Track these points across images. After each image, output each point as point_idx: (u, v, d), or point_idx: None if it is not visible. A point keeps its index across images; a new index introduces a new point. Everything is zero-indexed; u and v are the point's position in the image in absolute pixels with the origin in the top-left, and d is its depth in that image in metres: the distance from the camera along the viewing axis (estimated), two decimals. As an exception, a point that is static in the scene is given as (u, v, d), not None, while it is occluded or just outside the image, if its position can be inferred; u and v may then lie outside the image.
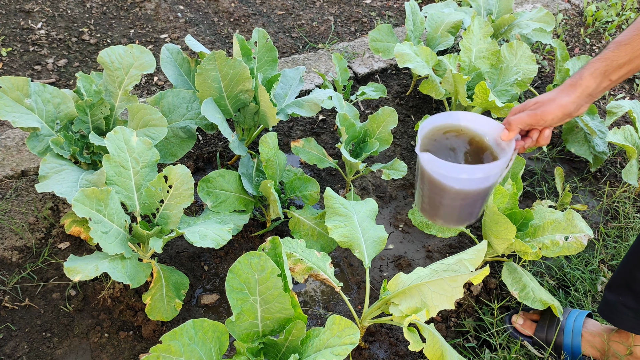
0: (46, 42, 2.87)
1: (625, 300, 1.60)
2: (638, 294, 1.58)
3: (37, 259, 1.88)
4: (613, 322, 1.65)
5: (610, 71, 1.29)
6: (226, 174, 1.92)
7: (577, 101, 1.31)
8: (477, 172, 1.26)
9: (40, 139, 1.77)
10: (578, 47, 3.59)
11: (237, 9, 3.42)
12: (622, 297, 1.61)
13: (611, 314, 1.64)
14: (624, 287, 1.62)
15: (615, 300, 1.63)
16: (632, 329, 1.59)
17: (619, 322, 1.62)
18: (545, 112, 1.31)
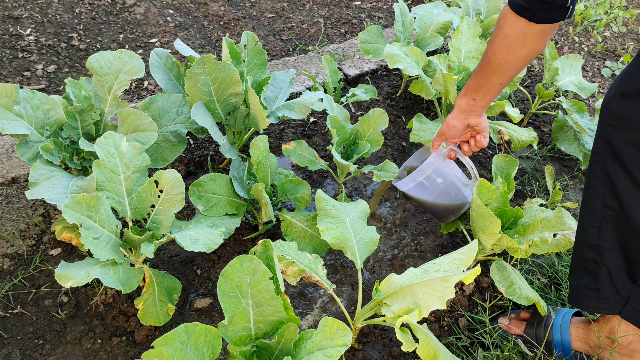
0: (35, 48, 2.86)
1: (585, 282, 1.62)
2: (593, 273, 1.59)
3: (28, 266, 1.87)
4: (580, 307, 1.65)
5: (470, 93, 1.80)
6: (217, 178, 1.92)
7: (455, 116, 1.87)
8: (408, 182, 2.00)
9: (30, 146, 1.77)
10: (567, 45, 3.61)
11: (226, 13, 3.42)
12: (582, 280, 1.63)
13: (577, 299, 1.65)
14: (580, 269, 1.64)
15: (577, 284, 1.65)
16: (598, 310, 1.59)
17: (586, 306, 1.63)
18: (441, 130, 1.92)
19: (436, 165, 1.95)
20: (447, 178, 1.98)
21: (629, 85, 1.41)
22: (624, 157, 1.44)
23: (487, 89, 1.75)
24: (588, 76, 3.38)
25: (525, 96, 3.03)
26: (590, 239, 1.58)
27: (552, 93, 2.63)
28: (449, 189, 1.98)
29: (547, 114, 2.96)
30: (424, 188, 1.98)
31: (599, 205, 1.54)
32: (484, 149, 2.67)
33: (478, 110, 1.83)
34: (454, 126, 1.87)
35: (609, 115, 1.47)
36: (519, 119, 2.22)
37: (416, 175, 1.96)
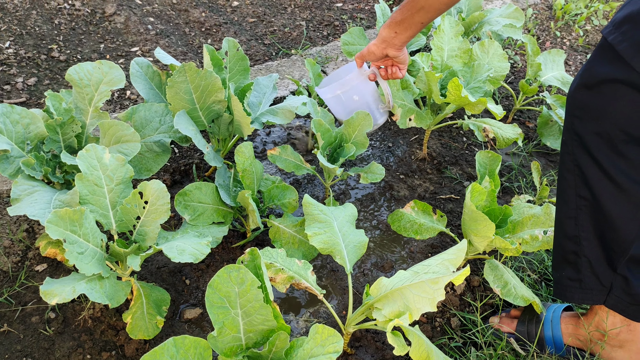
0: (15, 61, 2.83)
1: (567, 273, 1.62)
2: (574, 264, 1.60)
3: (14, 283, 1.85)
4: (565, 299, 1.66)
5: (393, 26, 1.87)
6: (203, 186, 1.90)
7: (377, 44, 1.96)
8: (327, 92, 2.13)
9: (11, 161, 1.74)
10: (549, 40, 3.63)
11: (208, 19, 3.40)
12: (564, 272, 1.63)
13: (561, 291, 1.66)
14: (562, 261, 1.64)
15: (559, 277, 1.66)
16: (583, 301, 1.60)
17: (570, 297, 1.63)
18: (361, 52, 2.03)
19: (356, 83, 2.07)
20: (363, 97, 2.10)
21: (590, 76, 1.43)
22: (591, 147, 1.46)
23: (409, 24, 1.83)
24: (571, 70, 3.40)
25: (509, 93, 3.03)
26: (568, 230, 1.59)
27: (536, 89, 2.64)
28: (361, 108, 2.11)
29: (532, 110, 2.97)
30: (340, 102, 2.11)
31: (573, 196, 1.55)
32: (470, 148, 2.68)
33: (397, 44, 1.92)
34: (373, 52, 1.98)
35: (574, 106, 1.49)
36: (502, 116, 2.22)
37: (335, 88, 2.08)
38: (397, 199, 2.37)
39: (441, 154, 2.61)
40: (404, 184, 2.44)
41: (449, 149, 2.65)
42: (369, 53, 2.00)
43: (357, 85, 2.07)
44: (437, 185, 2.46)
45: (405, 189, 2.42)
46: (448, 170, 2.52)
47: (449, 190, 2.43)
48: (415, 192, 2.41)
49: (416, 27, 1.85)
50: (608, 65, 1.37)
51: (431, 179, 2.48)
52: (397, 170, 2.50)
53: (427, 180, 2.48)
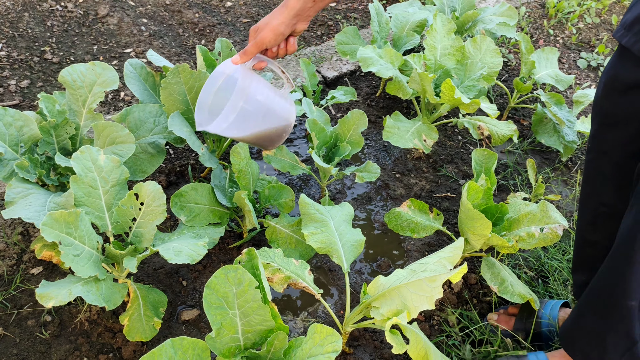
0: (7, 63, 2.81)
1: (588, 278, 1.63)
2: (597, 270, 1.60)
3: (9, 287, 1.83)
4: None
5: None
6: (199, 187, 1.89)
7: (286, 21, 1.56)
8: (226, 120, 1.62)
9: (4, 164, 1.73)
10: (542, 38, 3.64)
11: (201, 20, 3.39)
12: (585, 276, 1.65)
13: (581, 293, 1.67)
14: (583, 266, 1.66)
15: (582, 281, 1.66)
16: None
17: None
18: (263, 38, 1.57)
19: (249, 82, 1.65)
20: (265, 92, 1.70)
21: (616, 82, 1.39)
22: (615, 155, 1.45)
23: None
24: (564, 68, 3.41)
25: (504, 91, 3.04)
26: (588, 236, 1.60)
27: (530, 87, 2.64)
28: (272, 105, 1.73)
29: (526, 108, 2.97)
30: (247, 115, 1.66)
31: (595, 202, 1.55)
32: (465, 146, 2.68)
33: (312, 13, 1.60)
34: (282, 33, 1.59)
35: (601, 114, 1.47)
36: (496, 116, 2.22)
37: (235, 102, 1.61)
38: (394, 197, 2.36)
39: (436, 153, 2.62)
40: (400, 182, 2.44)
41: (444, 148, 2.65)
42: (277, 35, 1.59)
43: (251, 84, 1.65)
44: (433, 183, 2.46)
45: (401, 187, 2.42)
46: (444, 168, 2.53)
47: (445, 189, 2.43)
48: (411, 190, 2.41)
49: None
50: (632, 69, 1.34)
51: (427, 178, 2.48)
52: (393, 169, 2.50)
53: (423, 178, 2.48)
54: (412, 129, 2.23)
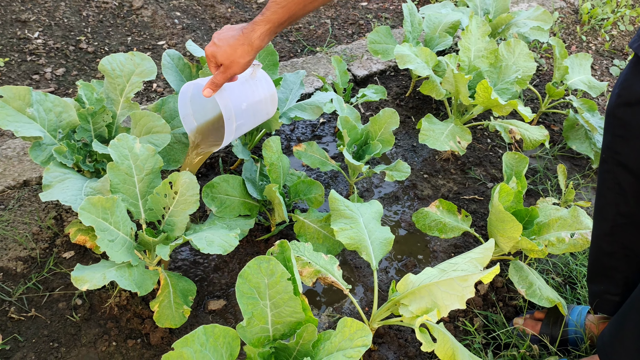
0: (44, 51, 2.86)
1: (607, 288, 1.63)
2: (615, 280, 1.60)
3: (42, 269, 1.87)
4: (605, 312, 1.66)
5: (274, 29, 1.57)
6: (230, 179, 1.91)
7: (251, 58, 1.61)
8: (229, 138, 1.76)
9: (43, 148, 1.76)
10: (575, 44, 3.60)
11: (233, 14, 3.41)
12: (603, 286, 1.64)
13: (601, 304, 1.67)
14: (600, 275, 1.64)
15: (598, 290, 1.66)
16: None
17: (610, 311, 1.64)
18: (233, 72, 1.63)
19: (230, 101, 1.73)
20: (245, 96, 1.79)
21: (630, 93, 1.38)
22: (631, 165, 1.44)
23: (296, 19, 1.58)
24: (597, 75, 3.37)
25: (535, 95, 3.02)
26: (605, 247, 1.59)
27: (563, 92, 2.62)
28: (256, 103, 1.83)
29: (557, 113, 2.95)
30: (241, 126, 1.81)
31: (612, 213, 1.54)
32: (494, 149, 2.66)
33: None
34: (248, 66, 1.64)
35: (614, 124, 1.46)
36: (531, 118, 2.21)
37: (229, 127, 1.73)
38: (421, 198, 2.36)
39: (465, 155, 2.61)
40: (428, 183, 2.44)
41: (473, 150, 2.64)
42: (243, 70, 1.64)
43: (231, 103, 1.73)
44: (461, 185, 2.45)
45: (428, 188, 2.41)
46: (472, 171, 2.52)
47: (473, 191, 2.42)
48: (438, 191, 2.41)
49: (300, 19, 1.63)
50: None
51: (455, 179, 2.48)
52: (421, 169, 2.50)
53: (450, 180, 2.47)
54: (446, 131, 2.23)
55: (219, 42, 1.59)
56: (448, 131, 2.24)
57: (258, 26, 1.55)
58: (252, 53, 1.59)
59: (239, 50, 1.57)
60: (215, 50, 1.59)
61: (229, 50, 1.58)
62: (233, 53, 1.58)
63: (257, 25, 1.55)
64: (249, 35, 1.55)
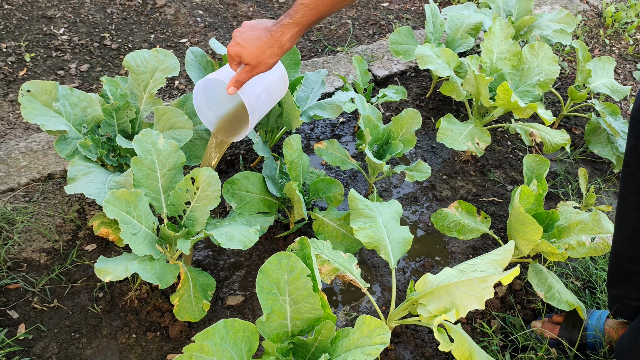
0: (69, 47, 2.91)
1: (627, 293, 1.62)
2: (636, 285, 1.59)
3: (64, 261, 1.90)
4: (624, 317, 1.65)
5: (303, 31, 1.58)
6: (250, 176, 1.93)
7: (277, 58, 1.60)
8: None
9: (68, 142, 1.79)
10: (598, 48, 3.57)
11: (255, 13, 3.44)
12: (623, 291, 1.63)
13: (620, 309, 1.66)
14: (620, 280, 1.63)
15: (618, 295, 1.65)
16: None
17: (630, 316, 1.62)
18: (259, 71, 1.62)
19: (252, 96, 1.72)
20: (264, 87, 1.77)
21: None
22: None
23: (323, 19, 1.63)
24: (620, 79, 3.34)
25: (557, 98, 3.00)
26: (626, 251, 1.58)
27: (585, 95, 2.60)
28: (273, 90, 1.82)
29: (579, 117, 2.92)
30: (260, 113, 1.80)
31: (634, 217, 1.53)
32: (514, 152, 2.65)
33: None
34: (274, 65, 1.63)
35: (638, 128, 1.45)
36: (552, 122, 2.20)
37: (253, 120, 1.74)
38: (439, 199, 2.36)
39: (485, 157, 2.60)
40: (447, 184, 2.43)
41: (492, 152, 2.63)
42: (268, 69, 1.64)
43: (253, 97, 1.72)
44: (480, 187, 2.44)
45: (447, 189, 2.41)
46: (491, 173, 2.51)
47: (492, 193, 2.41)
48: (457, 193, 2.40)
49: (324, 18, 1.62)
50: None
51: (474, 181, 2.47)
52: (440, 170, 2.50)
53: (470, 182, 2.46)
54: (465, 132, 2.23)
55: (243, 43, 1.57)
56: (467, 132, 2.24)
57: (287, 29, 1.54)
58: (281, 55, 1.60)
59: (267, 52, 1.57)
60: (240, 50, 1.58)
61: (256, 52, 1.57)
62: (261, 54, 1.57)
63: (286, 29, 1.54)
64: (278, 38, 1.55)
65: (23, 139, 2.26)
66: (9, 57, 2.75)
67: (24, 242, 1.94)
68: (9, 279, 1.82)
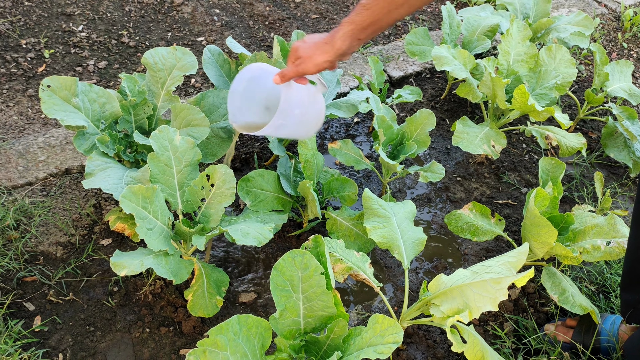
0: (87, 44, 2.94)
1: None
2: None
3: (80, 255, 1.93)
4: (638, 322, 1.63)
5: (357, 33, 1.48)
6: (265, 174, 1.94)
7: (330, 59, 1.52)
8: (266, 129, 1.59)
9: (87, 138, 1.81)
10: (615, 51, 3.54)
11: (271, 13, 3.45)
12: (638, 296, 1.61)
13: (635, 314, 1.64)
14: (635, 285, 1.62)
15: (632, 300, 1.63)
16: None
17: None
18: (305, 69, 1.54)
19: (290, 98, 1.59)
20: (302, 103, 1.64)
21: None
22: None
23: (380, 26, 1.48)
24: (637, 83, 3.31)
25: (573, 101, 2.98)
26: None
27: (602, 99, 2.58)
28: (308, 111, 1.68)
29: (595, 120, 2.90)
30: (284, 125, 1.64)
31: None
32: (529, 155, 2.64)
33: (355, 50, 1.58)
34: (323, 68, 1.55)
35: None
36: (568, 125, 2.18)
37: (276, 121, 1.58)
38: (453, 200, 2.36)
39: (499, 159, 2.59)
40: (461, 186, 2.43)
41: (507, 155, 2.62)
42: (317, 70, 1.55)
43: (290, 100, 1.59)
44: (494, 189, 2.44)
45: (461, 191, 2.41)
46: (506, 175, 2.50)
47: (506, 196, 2.40)
48: (471, 195, 2.40)
49: (387, 27, 1.52)
50: None
51: (488, 184, 2.46)
52: (454, 172, 2.49)
53: (484, 184, 2.46)
54: (480, 134, 2.22)
55: (307, 39, 1.56)
56: (483, 134, 2.23)
57: (341, 26, 1.49)
58: (332, 53, 1.51)
59: (320, 47, 1.52)
60: (300, 44, 1.55)
61: (312, 47, 1.53)
62: (315, 49, 1.53)
63: (340, 26, 1.50)
64: (333, 35, 1.50)
65: (41, 134, 2.29)
66: (29, 53, 2.79)
67: (41, 235, 1.96)
68: (26, 272, 1.85)
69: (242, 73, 1.71)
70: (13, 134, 2.34)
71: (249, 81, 1.73)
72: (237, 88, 1.73)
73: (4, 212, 1.96)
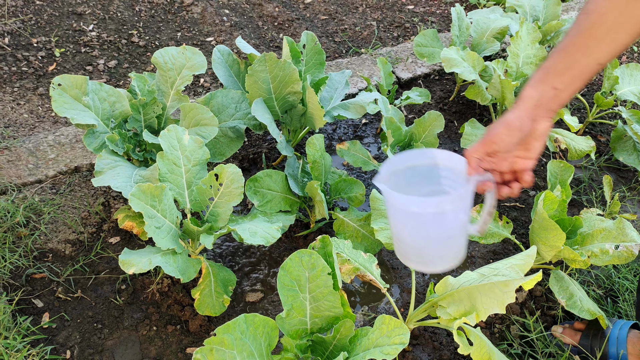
0: (97, 43, 2.96)
1: None
2: None
3: (89, 253, 1.94)
4: None
5: (551, 79, 1.15)
6: (273, 174, 1.94)
7: (522, 114, 1.17)
8: (428, 206, 1.16)
9: (96, 136, 1.83)
10: (625, 55, 3.53)
11: (281, 14, 3.46)
12: None
13: None
14: None
15: None
16: None
17: None
18: (492, 134, 1.19)
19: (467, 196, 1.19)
20: (466, 215, 1.25)
21: None
22: None
23: (579, 70, 1.14)
24: (647, 87, 3.29)
25: (582, 104, 2.97)
26: None
27: (611, 102, 2.57)
28: (460, 229, 1.28)
29: (605, 123, 2.89)
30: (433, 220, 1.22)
31: None
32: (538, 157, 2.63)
33: (555, 108, 1.17)
34: (517, 128, 1.16)
35: None
36: (578, 128, 2.18)
37: (443, 202, 1.20)
38: (461, 203, 2.35)
39: (508, 162, 2.58)
40: (468, 188, 2.42)
41: (515, 157, 2.61)
42: (509, 131, 1.17)
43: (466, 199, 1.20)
44: (502, 192, 2.42)
45: (469, 193, 2.40)
46: (514, 178, 2.49)
47: (514, 199, 2.39)
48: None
49: (589, 73, 1.14)
50: None
51: (496, 186, 2.45)
52: (462, 174, 2.49)
53: (492, 186, 2.45)
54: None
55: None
56: None
57: (532, 75, 1.20)
58: (522, 106, 1.17)
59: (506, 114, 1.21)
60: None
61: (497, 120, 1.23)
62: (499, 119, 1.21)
63: (531, 75, 1.22)
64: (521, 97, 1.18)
65: (51, 132, 2.31)
66: (39, 52, 2.81)
67: (50, 232, 1.98)
68: (34, 269, 1.86)
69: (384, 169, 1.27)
70: (23, 132, 2.36)
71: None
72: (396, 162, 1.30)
73: (14, 209, 1.98)
